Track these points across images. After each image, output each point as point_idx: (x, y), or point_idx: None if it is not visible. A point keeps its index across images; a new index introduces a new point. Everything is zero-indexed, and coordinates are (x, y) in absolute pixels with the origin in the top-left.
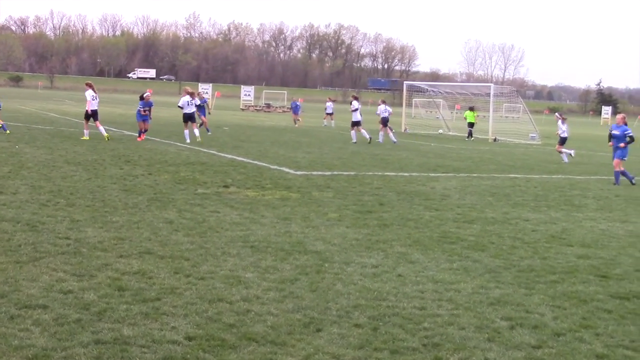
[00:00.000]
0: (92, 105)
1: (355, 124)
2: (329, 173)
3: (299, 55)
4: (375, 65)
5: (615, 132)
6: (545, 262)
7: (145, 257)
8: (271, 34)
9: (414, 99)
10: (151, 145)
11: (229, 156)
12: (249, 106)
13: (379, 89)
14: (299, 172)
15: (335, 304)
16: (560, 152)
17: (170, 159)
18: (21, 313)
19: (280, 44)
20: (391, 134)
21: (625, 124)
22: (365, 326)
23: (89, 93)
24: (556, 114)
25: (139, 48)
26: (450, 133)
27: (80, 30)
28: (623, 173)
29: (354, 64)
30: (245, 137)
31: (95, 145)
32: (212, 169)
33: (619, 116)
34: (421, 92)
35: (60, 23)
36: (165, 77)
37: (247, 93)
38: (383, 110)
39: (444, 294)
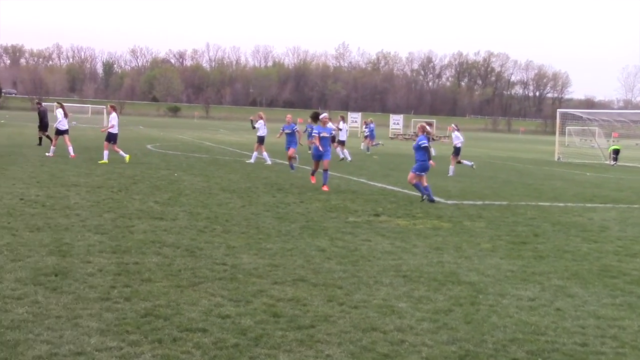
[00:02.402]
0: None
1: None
2: (480, 202)
3: (448, 83)
4: (527, 92)
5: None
6: None
7: (299, 284)
8: (420, 62)
9: (567, 127)
10: (302, 174)
11: (379, 185)
12: (398, 135)
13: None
14: (449, 202)
15: (491, 337)
16: None
17: (321, 187)
18: (183, 336)
19: (429, 72)
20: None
21: (424, 134)
22: None
23: (114, 116)
24: None
25: (290, 78)
26: (609, 163)
27: (234, 62)
28: (416, 186)
29: (504, 92)
30: (394, 166)
31: (249, 173)
32: (363, 198)
33: (419, 125)
34: (575, 120)
35: (216, 55)
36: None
37: (396, 122)
38: (456, 137)
39: (607, 330)
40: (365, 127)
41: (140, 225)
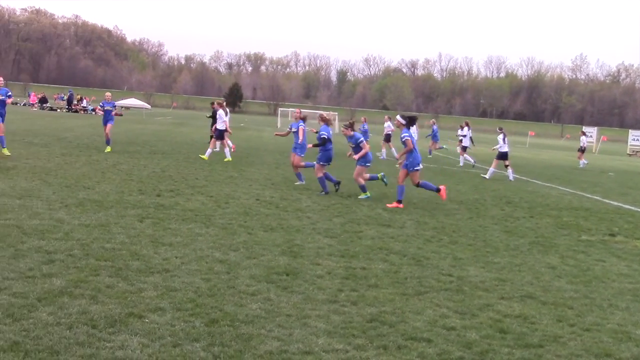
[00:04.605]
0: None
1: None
2: None
3: None
4: None
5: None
6: None
7: (527, 301)
8: None
9: None
10: (532, 188)
11: (615, 203)
12: (637, 151)
13: None
14: None
15: None
16: None
17: (552, 203)
18: (407, 344)
19: None
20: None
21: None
22: None
23: (221, 113)
24: None
25: (522, 89)
26: None
27: (466, 72)
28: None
29: None
30: (633, 184)
31: (477, 185)
32: (597, 216)
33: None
34: None
35: (447, 65)
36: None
37: (635, 138)
38: (501, 140)
39: None
40: (433, 128)
41: (368, 231)
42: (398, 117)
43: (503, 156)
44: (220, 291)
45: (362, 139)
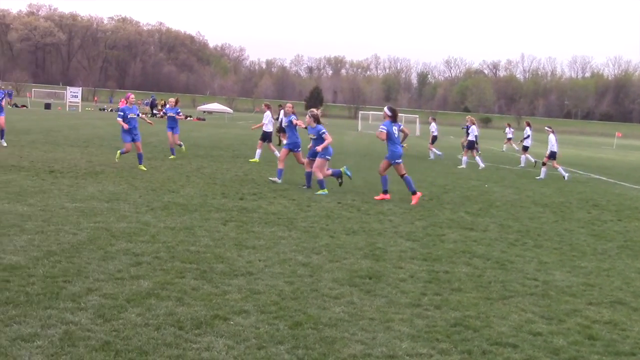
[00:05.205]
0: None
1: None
2: None
3: None
4: None
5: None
6: None
7: (617, 307)
8: None
9: None
10: (620, 190)
11: None
12: None
13: None
14: None
15: None
16: None
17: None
18: (492, 349)
19: None
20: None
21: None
22: None
23: (267, 114)
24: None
25: (609, 89)
26: None
27: (549, 73)
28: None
29: None
30: None
31: (562, 188)
32: None
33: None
34: None
35: (530, 66)
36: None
37: None
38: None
39: None
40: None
41: (450, 235)
42: (385, 108)
43: (552, 155)
44: (303, 294)
45: (324, 130)
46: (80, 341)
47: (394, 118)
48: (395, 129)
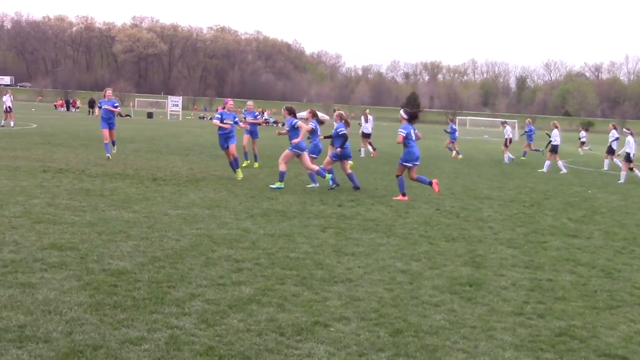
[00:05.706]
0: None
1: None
2: None
3: None
4: None
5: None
6: None
7: None
8: None
9: None
10: None
11: None
12: None
13: None
14: None
15: None
16: None
17: None
18: None
19: None
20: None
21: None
22: None
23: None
24: None
25: None
26: None
27: None
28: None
29: None
30: None
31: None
32: None
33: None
34: None
35: (635, 67)
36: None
37: None
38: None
39: None
40: (526, 128)
41: (553, 242)
42: (401, 111)
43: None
44: (403, 301)
45: (298, 122)
46: (185, 345)
47: (411, 120)
48: (412, 131)
